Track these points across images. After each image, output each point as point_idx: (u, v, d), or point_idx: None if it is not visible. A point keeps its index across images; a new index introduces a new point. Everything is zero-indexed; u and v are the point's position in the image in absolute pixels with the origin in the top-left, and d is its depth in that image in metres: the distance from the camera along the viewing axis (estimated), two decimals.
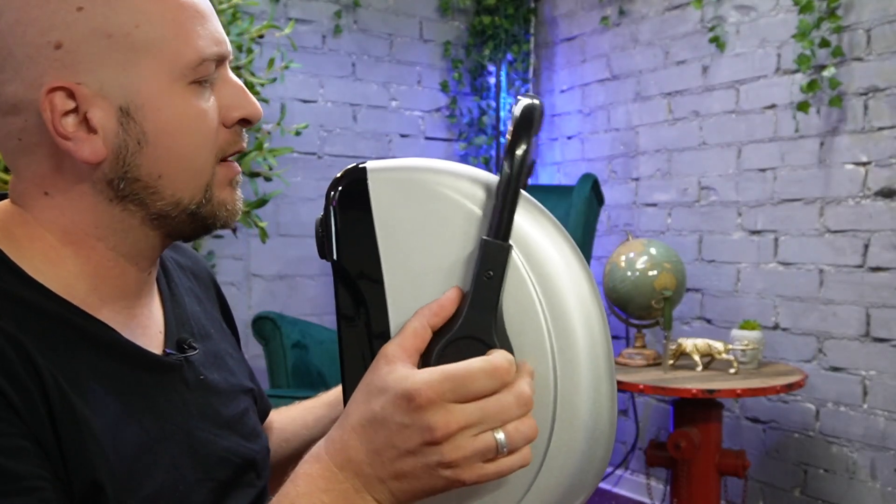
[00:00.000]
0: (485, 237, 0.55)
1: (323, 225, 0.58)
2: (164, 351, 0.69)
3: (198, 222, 0.65)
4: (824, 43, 2.31)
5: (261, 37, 2.38)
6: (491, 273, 0.55)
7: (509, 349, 0.56)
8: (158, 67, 0.61)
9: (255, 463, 0.74)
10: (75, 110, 0.60)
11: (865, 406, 2.34)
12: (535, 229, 0.58)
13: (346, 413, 0.56)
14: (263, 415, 0.90)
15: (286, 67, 2.56)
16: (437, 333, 0.56)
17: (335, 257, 0.58)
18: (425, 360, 0.56)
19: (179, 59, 0.61)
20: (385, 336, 0.57)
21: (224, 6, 2.23)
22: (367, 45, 3.20)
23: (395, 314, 0.57)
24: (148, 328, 0.69)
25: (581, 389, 0.56)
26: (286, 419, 0.92)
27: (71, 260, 0.63)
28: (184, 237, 0.68)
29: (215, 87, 0.65)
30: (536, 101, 0.58)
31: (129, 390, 0.63)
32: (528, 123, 0.57)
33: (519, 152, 0.56)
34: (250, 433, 0.75)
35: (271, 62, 2.47)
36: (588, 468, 0.58)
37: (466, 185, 0.58)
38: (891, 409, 2.28)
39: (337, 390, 0.93)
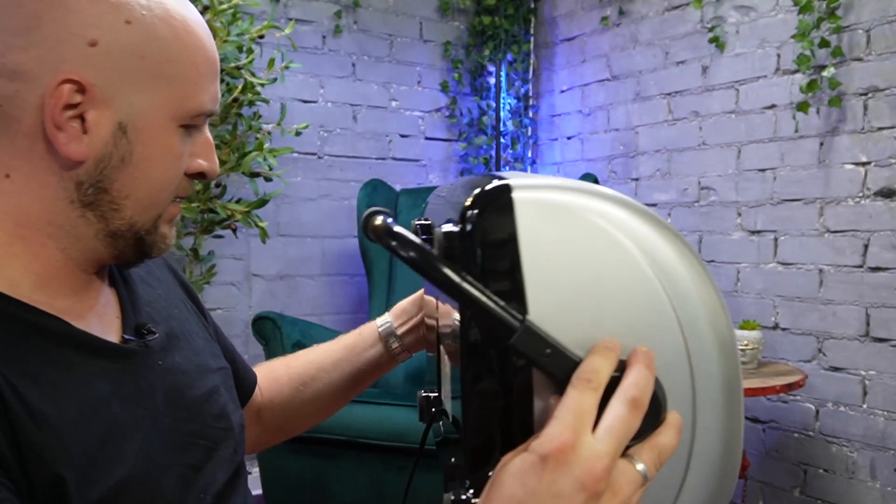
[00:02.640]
0: (510, 343, 0.49)
1: (459, 241, 0.52)
2: (122, 338, 0.69)
3: (140, 249, 0.68)
4: (824, 43, 2.32)
5: (261, 37, 2.38)
6: (548, 351, 0.49)
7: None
8: (166, 102, 0.64)
9: (226, 441, 0.74)
10: (76, 106, 0.60)
11: (865, 406, 2.34)
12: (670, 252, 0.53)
13: None
14: (248, 388, 0.91)
15: (286, 67, 2.57)
16: None
17: (477, 278, 0.51)
18: None
19: (185, 103, 0.65)
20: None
21: (224, 6, 2.23)
22: (367, 45, 3.20)
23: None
24: (104, 315, 0.69)
25: (717, 429, 0.54)
26: (303, 363, 0.93)
27: (18, 258, 0.63)
28: (125, 262, 0.70)
29: (192, 137, 0.68)
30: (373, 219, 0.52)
31: (93, 379, 0.63)
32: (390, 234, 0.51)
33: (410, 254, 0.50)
34: (219, 413, 0.75)
35: (271, 62, 2.47)
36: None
37: (614, 210, 0.53)
38: (891, 409, 2.28)
39: (353, 333, 0.92)
